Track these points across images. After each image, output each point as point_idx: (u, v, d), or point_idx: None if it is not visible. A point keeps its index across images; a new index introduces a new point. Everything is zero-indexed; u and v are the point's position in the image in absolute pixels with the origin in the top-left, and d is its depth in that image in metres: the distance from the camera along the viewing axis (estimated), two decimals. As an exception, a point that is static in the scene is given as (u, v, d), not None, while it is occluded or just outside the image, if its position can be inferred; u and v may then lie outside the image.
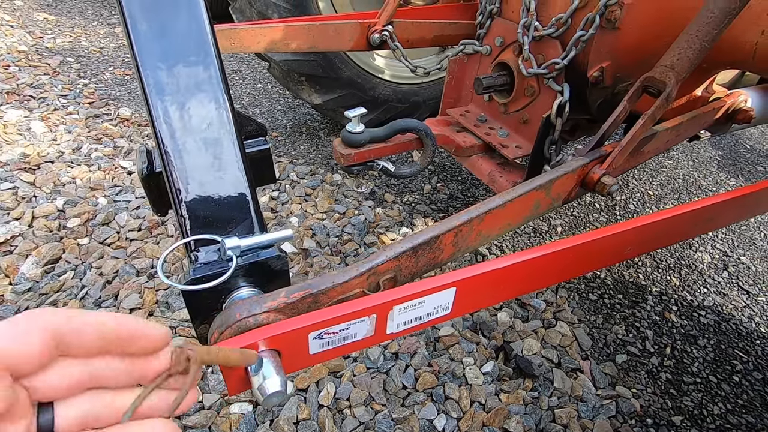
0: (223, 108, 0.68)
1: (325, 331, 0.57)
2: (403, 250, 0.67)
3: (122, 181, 2.01)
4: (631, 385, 1.45)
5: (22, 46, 3.13)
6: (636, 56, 1.20)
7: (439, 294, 0.63)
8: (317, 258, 1.73)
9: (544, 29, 1.25)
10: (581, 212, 2.16)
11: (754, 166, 2.76)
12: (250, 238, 0.60)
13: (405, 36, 1.63)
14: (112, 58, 3.25)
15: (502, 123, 1.50)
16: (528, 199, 0.83)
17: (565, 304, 1.68)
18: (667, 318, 1.69)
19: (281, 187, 2.11)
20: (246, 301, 0.56)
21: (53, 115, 2.40)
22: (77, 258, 1.61)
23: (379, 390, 1.31)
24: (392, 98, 2.33)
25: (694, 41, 0.88)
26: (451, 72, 1.59)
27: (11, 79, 2.66)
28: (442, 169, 2.39)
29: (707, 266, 1.94)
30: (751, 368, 1.54)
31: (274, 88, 3.08)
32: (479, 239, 0.80)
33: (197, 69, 0.68)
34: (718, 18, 0.86)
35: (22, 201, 1.81)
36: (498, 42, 1.42)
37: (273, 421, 1.21)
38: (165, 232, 1.77)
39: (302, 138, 2.54)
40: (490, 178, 1.43)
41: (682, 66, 0.89)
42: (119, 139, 2.31)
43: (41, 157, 2.06)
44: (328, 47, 1.59)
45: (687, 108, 1.29)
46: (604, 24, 1.13)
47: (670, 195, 2.38)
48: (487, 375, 1.41)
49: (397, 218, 2.01)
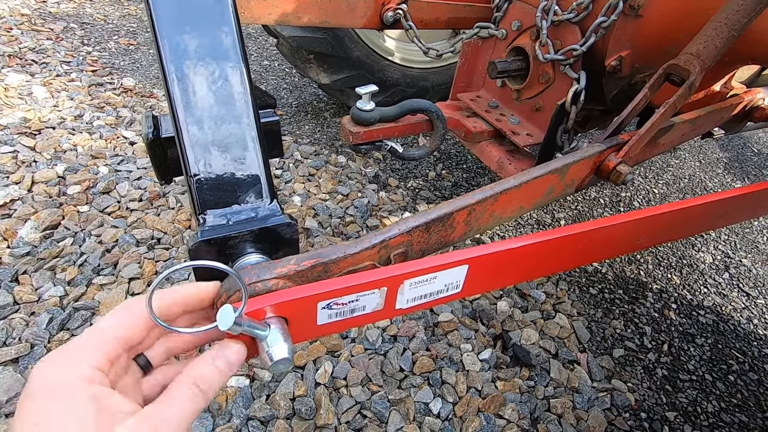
0: (240, 74, 0.66)
1: (334, 302, 0.56)
2: (416, 224, 0.65)
3: (124, 151, 1.99)
4: (627, 379, 1.45)
5: (25, 9, 3.06)
6: (656, 46, 1.17)
7: (451, 270, 0.62)
8: (318, 238, 1.72)
9: (564, 14, 1.22)
10: (585, 206, 2.15)
11: (760, 170, 2.75)
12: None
13: (419, 16, 1.59)
14: (117, 27, 3.19)
15: (513, 110, 1.48)
16: (543, 182, 0.82)
17: (565, 297, 1.68)
18: (666, 315, 1.69)
19: (284, 165, 2.08)
20: (255, 267, 0.55)
21: (55, 81, 2.36)
22: (77, 225, 1.59)
23: (376, 371, 1.31)
24: (401, 82, 2.29)
25: (722, 29, 0.86)
26: (464, 55, 1.56)
27: (13, 42, 2.61)
28: (447, 156, 2.36)
29: (708, 266, 1.94)
30: (747, 369, 1.55)
31: (281, 66, 3.03)
32: (491, 220, 0.78)
33: (216, 34, 0.66)
34: (749, 6, 0.84)
35: (21, 165, 1.78)
36: (515, 26, 1.39)
37: (269, 396, 1.21)
38: (166, 203, 1.75)
39: (307, 118, 2.50)
40: (499, 165, 1.41)
41: (708, 54, 0.86)
42: (122, 109, 2.27)
43: (42, 123, 2.03)
44: (340, 23, 1.56)
45: (704, 103, 1.27)
46: (626, 11, 1.11)
47: (676, 194, 2.37)
48: (485, 362, 1.41)
49: (401, 203, 1.99)
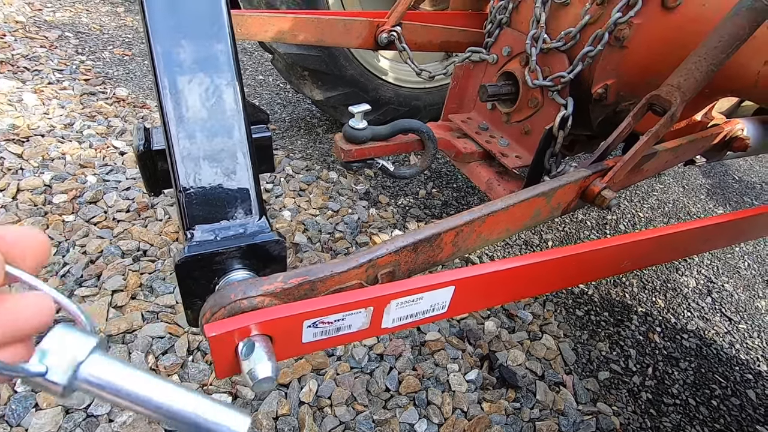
0: (233, 90, 0.67)
1: (320, 320, 0.56)
2: (404, 244, 0.66)
3: (113, 161, 1.97)
4: (612, 402, 1.45)
5: (20, 16, 3.06)
6: (640, 76, 1.21)
7: (437, 291, 0.62)
8: (308, 253, 1.71)
9: (553, 42, 1.26)
10: (572, 228, 2.18)
11: (741, 196, 2.82)
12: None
13: (413, 38, 1.63)
14: (112, 37, 3.20)
15: (503, 132, 1.51)
16: (530, 205, 0.83)
17: (551, 318, 1.69)
18: (651, 339, 1.70)
19: (276, 180, 2.08)
20: (241, 283, 0.54)
21: (47, 89, 2.35)
22: (61, 234, 1.57)
23: (361, 390, 1.30)
24: (393, 101, 2.33)
25: (701, 63, 0.90)
26: (456, 78, 1.59)
27: (6, 49, 2.60)
28: (438, 175, 2.39)
29: (692, 291, 1.97)
30: (729, 393, 1.56)
31: (275, 81, 3.06)
32: (478, 241, 0.79)
33: (211, 49, 0.67)
34: (727, 43, 0.88)
35: (7, 172, 1.76)
36: (505, 52, 1.43)
37: (252, 415, 1.18)
38: (154, 215, 1.73)
39: (300, 133, 2.52)
40: (488, 185, 1.43)
41: (689, 87, 0.90)
42: (113, 119, 2.26)
43: (31, 130, 2.01)
44: (335, 42, 1.59)
45: (686, 132, 1.31)
46: (612, 42, 1.15)
47: (660, 218, 2.42)
48: (471, 383, 1.40)
49: (391, 220, 2.00)
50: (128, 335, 1.31)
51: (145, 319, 1.36)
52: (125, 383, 0.36)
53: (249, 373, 0.49)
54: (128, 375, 0.36)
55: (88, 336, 0.36)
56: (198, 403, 0.37)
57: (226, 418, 0.37)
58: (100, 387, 0.35)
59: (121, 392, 0.35)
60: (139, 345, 1.28)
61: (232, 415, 0.37)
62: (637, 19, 1.09)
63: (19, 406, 1.10)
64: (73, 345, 0.35)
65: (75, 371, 0.34)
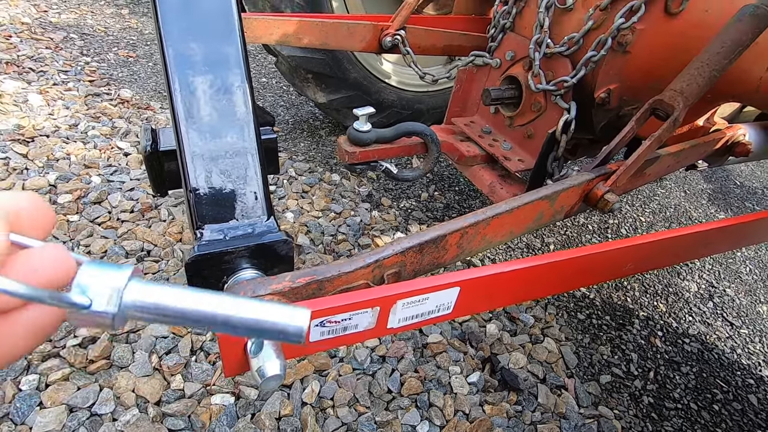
0: (243, 91, 0.67)
1: (327, 319, 0.56)
2: (410, 245, 0.66)
3: (118, 162, 1.98)
4: (613, 406, 1.46)
5: (25, 18, 3.08)
6: (643, 81, 1.22)
7: (443, 292, 0.63)
8: (310, 255, 1.72)
9: (556, 47, 1.27)
10: (574, 232, 2.18)
11: (743, 202, 2.83)
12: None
13: (416, 42, 1.64)
14: (117, 39, 3.22)
15: (506, 136, 1.52)
16: (533, 207, 0.84)
17: (553, 321, 1.69)
18: (653, 343, 1.70)
19: (278, 181, 2.09)
20: (250, 282, 0.55)
21: (52, 90, 2.36)
22: (66, 234, 1.58)
23: (363, 392, 1.30)
24: (396, 104, 2.34)
25: (704, 69, 0.91)
26: (459, 82, 1.60)
27: (12, 50, 2.62)
28: (440, 178, 2.40)
29: (694, 295, 1.97)
30: (731, 398, 1.56)
31: (278, 84, 3.07)
32: (483, 243, 0.80)
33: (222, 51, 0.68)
34: (729, 49, 0.89)
35: (13, 172, 1.77)
36: (509, 56, 1.44)
37: (254, 415, 1.19)
38: (158, 216, 1.74)
39: (303, 135, 2.53)
40: (491, 189, 1.44)
41: (691, 92, 0.91)
42: (118, 120, 2.27)
43: (36, 130, 2.02)
44: (339, 46, 1.60)
45: (689, 136, 1.32)
46: (615, 47, 1.16)
47: (662, 223, 2.42)
48: (473, 385, 1.40)
49: (393, 223, 2.00)
50: (132, 335, 1.31)
51: (149, 319, 1.36)
52: (173, 302, 0.34)
53: (258, 370, 0.49)
54: (173, 294, 0.34)
55: (120, 266, 0.34)
56: (253, 307, 0.35)
57: (286, 315, 0.35)
58: (148, 310, 0.34)
59: (171, 311, 0.34)
60: (142, 345, 1.28)
61: (291, 311, 0.35)
62: (640, 25, 1.10)
63: (24, 404, 1.10)
64: (110, 275, 0.33)
65: (120, 298, 0.33)
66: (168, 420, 1.14)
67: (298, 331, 0.35)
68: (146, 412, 1.14)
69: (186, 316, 0.34)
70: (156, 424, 1.12)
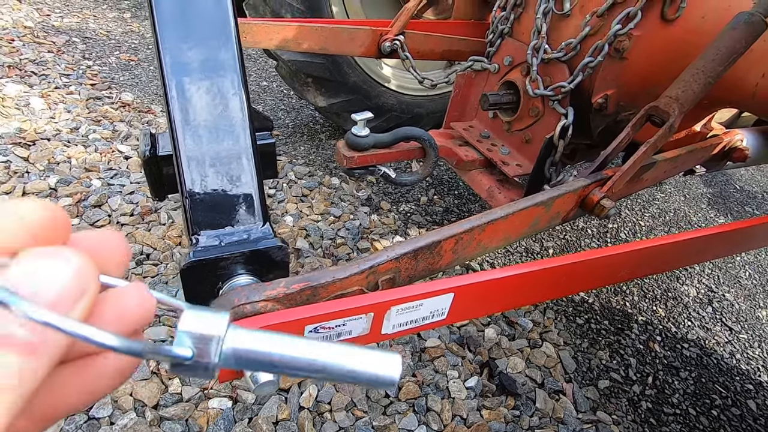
0: (239, 97, 0.68)
1: (321, 325, 0.57)
2: (404, 251, 0.67)
3: (118, 165, 1.99)
4: (611, 411, 1.45)
5: (28, 21, 3.10)
6: (640, 86, 1.23)
7: (437, 298, 0.63)
8: (309, 259, 1.72)
9: (553, 53, 1.27)
10: (573, 236, 2.18)
11: (742, 206, 2.82)
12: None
13: (415, 47, 1.65)
14: (119, 43, 3.24)
15: (504, 140, 1.52)
16: (529, 213, 0.84)
17: (552, 326, 1.69)
18: (651, 348, 1.70)
19: (278, 185, 2.10)
20: (245, 288, 0.56)
21: (54, 93, 2.38)
22: (65, 238, 1.58)
23: (361, 396, 1.30)
24: (396, 108, 2.35)
25: (699, 76, 0.91)
26: (458, 86, 1.61)
27: (14, 53, 2.64)
28: (439, 182, 2.40)
29: (693, 300, 1.97)
30: (730, 404, 1.56)
31: (279, 88, 3.09)
32: (478, 249, 0.80)
33: (218, 56, 0.68)
34: (724, 56, 0.89)
35: (13, 176, 1.78)
36: (507, 61, 1.44)
37: (252, 420, 1.19)
38: (157, 219, 1.75)
39: (303, 139, 2.54)
40: (489, 193, 1.44)
41: (686, 98, 0.91)
42: (119, 123, 2.28)
43: (37, 134, 2.03)
44: (339, 50, 1.61)
45: (686, 142, 1.32)
46: (612, 53, 1.16)
47: (661, 227, 2.42)
48: (471, 390, 1.40)
49: (392, 226, 2.01)
50: (130, 338, 1.31)
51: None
52: (270, 349, 0.34)
53: (251, 377, 0.50)
54: (271, 341, 0.34)
55: (217, 313, 0.34)
56: (348, 354, 0.35)
57: (379, 363, 0.35)
58: (248, 358, 0.34)
59: (267, 358, 0.34)
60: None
61: (383, 360, 0.35)
62: (637, 31, 1.11)
63: (22, 407, 1.10)
64: (209, 323, 0.33)
65: (220, 348, 0.32)
66: (165, 423, 1.14)
67: (391, 381, 0.35)
68: (144, 416, 1.15)
69: (284, 364, 0.34)
70: (153, 427, 1.13)
